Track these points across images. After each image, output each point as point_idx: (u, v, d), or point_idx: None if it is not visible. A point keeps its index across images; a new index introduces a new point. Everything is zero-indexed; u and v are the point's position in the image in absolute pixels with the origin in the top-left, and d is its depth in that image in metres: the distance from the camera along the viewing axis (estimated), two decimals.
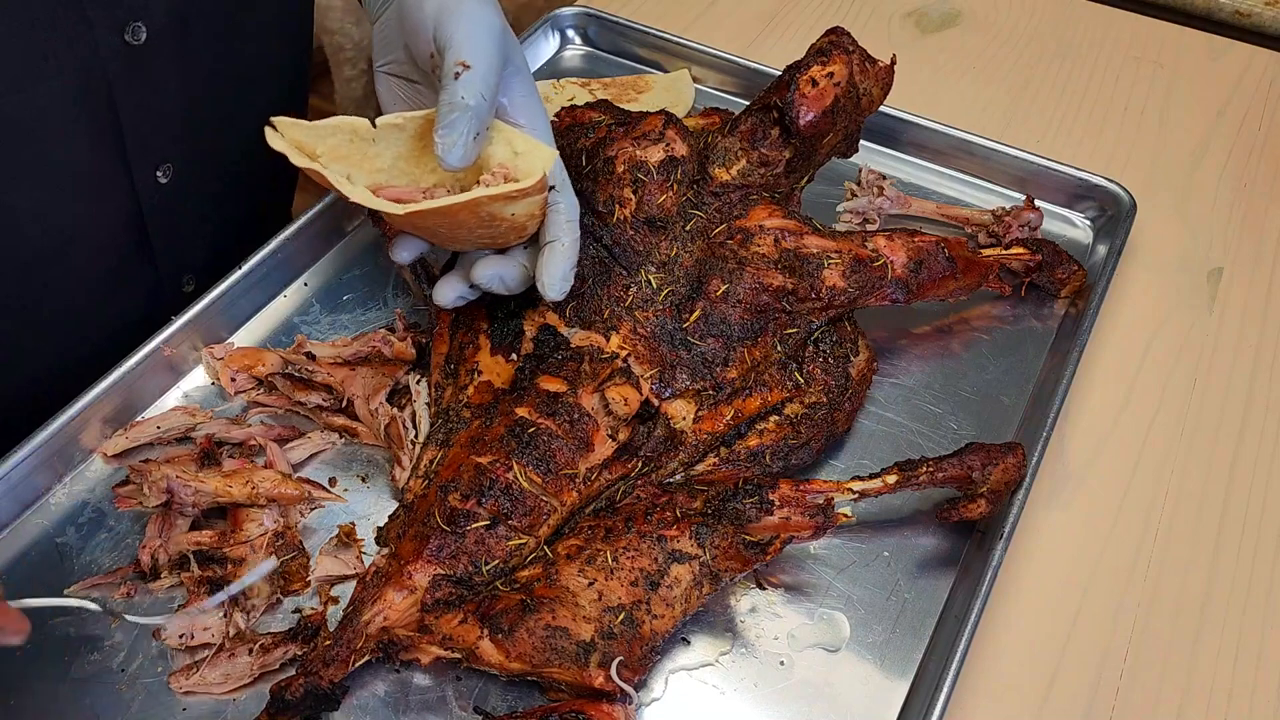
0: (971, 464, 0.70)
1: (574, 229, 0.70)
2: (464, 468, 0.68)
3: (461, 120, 0.64)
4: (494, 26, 0.67)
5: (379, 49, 0.77)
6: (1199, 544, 0.77)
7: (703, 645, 0.68)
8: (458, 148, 0.64)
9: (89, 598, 0.65)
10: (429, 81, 0.73)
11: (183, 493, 0.69)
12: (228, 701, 0.64)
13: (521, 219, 0.67)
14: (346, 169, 0.69)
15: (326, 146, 0.68)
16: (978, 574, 0.69)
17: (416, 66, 0.73)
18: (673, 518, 0.67)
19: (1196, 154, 1.06)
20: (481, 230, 0.68)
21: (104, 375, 0.75)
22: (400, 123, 0.69)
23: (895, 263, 0.79)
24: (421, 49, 0.70)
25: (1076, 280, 0.89)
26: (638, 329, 0.75)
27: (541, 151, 0.67)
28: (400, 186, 0.69)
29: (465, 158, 0.64)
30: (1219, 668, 0.70)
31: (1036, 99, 1.12)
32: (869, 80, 0.86)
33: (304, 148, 0.68)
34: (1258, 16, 1.28)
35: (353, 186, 0.67)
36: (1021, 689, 0.69)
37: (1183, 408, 0.85)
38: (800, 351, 0.77)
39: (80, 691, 0.64)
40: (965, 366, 0.85)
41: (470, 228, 0.68)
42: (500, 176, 0.66)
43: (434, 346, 0.78)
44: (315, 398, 0.77)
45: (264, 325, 0.85)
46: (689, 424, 0.73)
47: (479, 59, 0.65)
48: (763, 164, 0.83)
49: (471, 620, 0.62)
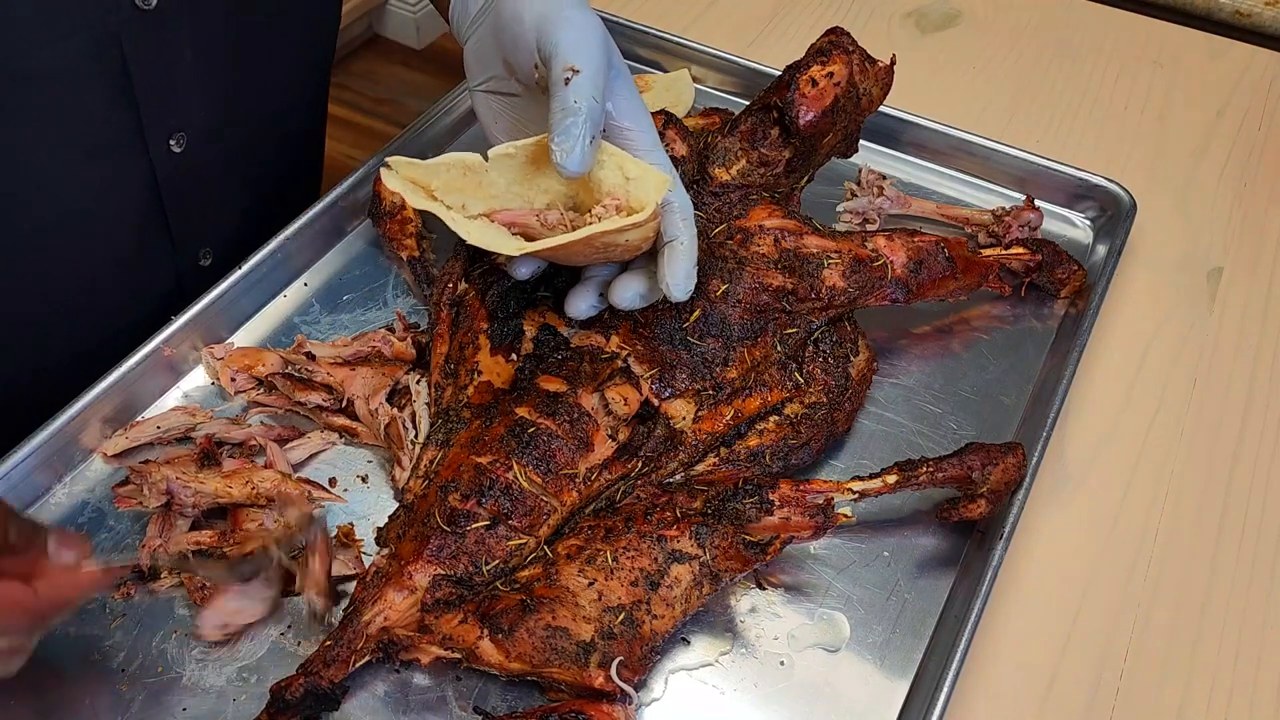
0: (971, 464, 0.70)
1: (690, 226, 0.70)
2: (464, 468, 0.68)
3: (576, 124, 0.64)
4: (597, 30, 0.68)
5: (473, 69, 0.78)
6: (1199, 544, 0.77)
7: (703, 645, 0.68)
8: (575, 153, 0.64)
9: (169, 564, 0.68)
10: (531, 94, 0.74)
11: (182, 494, 0.69)
12: (228, 701, 0.64)
13: (636, 242, 0.68)
14: (462, 198, 0.70)
15: (441, 181, 0.70)
16: (978, 574, 0.69)
17: (517, 80, 0.74)
18: (673, 518, 0.67)
19: (1196, 154, 1.06)
20: (597, 256, 0.70)
21: (104, 375, 0.75)
22: (511, 152, 0.70)
23: (895, 263, 0.79)
24: (523, 61, 0.71)
25: (1076, 280, 0.89)
26: (638, 329, 0.75)
27: (653, 177, 0.67)
28: (514, 209, 0.70)
29: (584, 162, 0.65)
30: (1219, 668, 0.70)
31: (1036, 99, 1.12)
32: (869, 80, 0.86)
33: (419, 183, 0.70)
34: (1258, 16, 1.28)
35: (468, 225, 0.68)
36: (1021, 689, 0.69)
37: (1183, 408, 0.85)
38: (800, 351, 0.77)
39: (80, 691, 0.64)
40: (965, 366, 0.85)
41: (585, 255, 0.69)
42: (613, 207, 0.67)
43: (434, 346, 0.78)
44: (315, 398, 0.77)
45: (264, 325, 0.85)
46: (689, 424, 0.73)
47: (586, 62, 0.65)
48: (762, 164, 0.83)
49: (471, 620, 0.62)
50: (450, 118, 1.00)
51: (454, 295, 0.80)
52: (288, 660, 0.66)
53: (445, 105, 1.00)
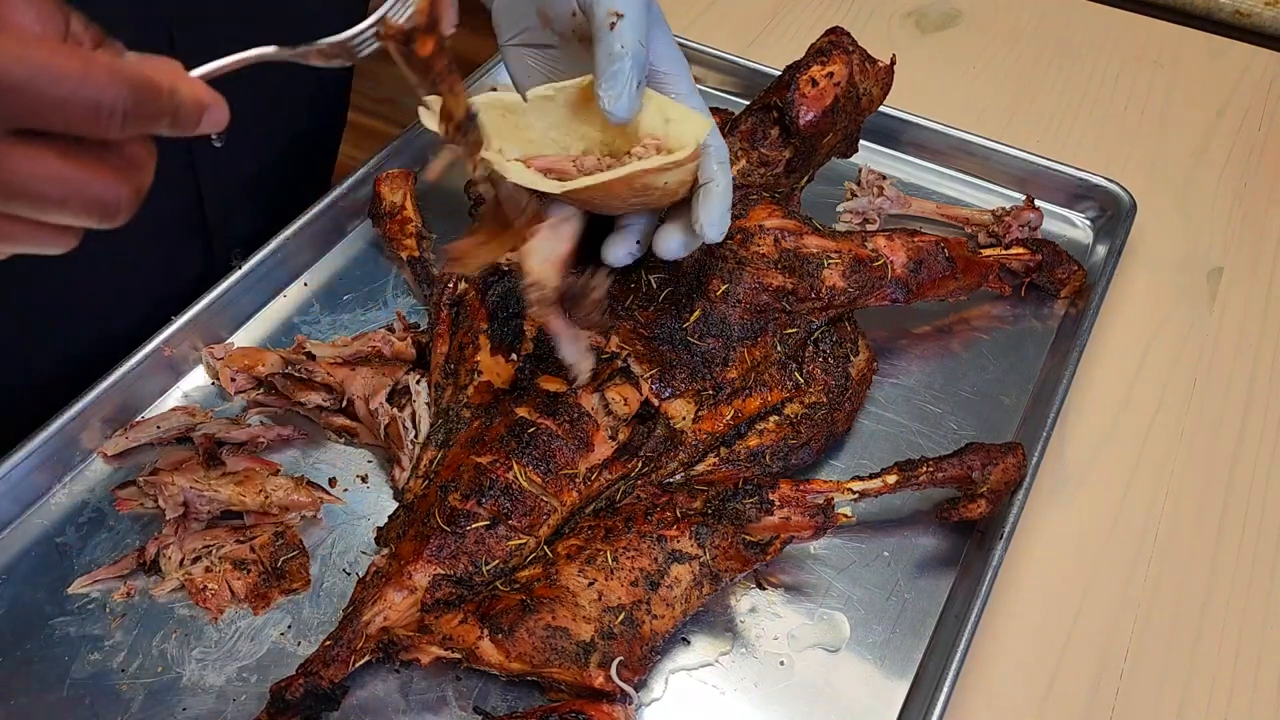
0: (971, 464, 0.70)
1: (726, 170, 0.70)
2: (464, 468, 0.68)
3: (624, 69, 0.64)
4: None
5: (505, 25, 0.77)
6: (1199, 544, 0.77)
7: (703, 645, 0.68)
8: (623, 98, 0.64)
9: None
10: (567, 44, 0.73)
11: (198, 503, 0.71)
12: (228, 701, 0.64)
13: (674, 186, 0.67)
14: (498, 142, 0.69)
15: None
16: (978, 574, 0.69)
17: (553, 30, 0.73)
18: (673, 518, 0.67)
19: (1196, 154, 1.06)
20: (635, 199, 0.69)
21: (104, 375, 0.75)
22: (551, 94, 0.69)
23: (895, 263, 0.79)
24: (561, 10, 0.70)
25: (1076, 280, 0.89)
26: (638, 329, 0.75)
27: (694, 119, 0.67)
28: (551, 156, 0.69)
29: (631, 108, 0.64)
30: (1219, 668, 0.70)
31: (1036, 99, 1.12)
32: (869, 80, 0.86)
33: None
34: (1258, 16, 1.28)
35: (509, 164, 0.67)
36: (1021, 689, 0.69)
37: (1183, 408, 0.85)
38: (800, 351, 0.77)
39: (80, 691, 0.64)
40: (965, 366, 0.85)
41: (624, 198, 0.69)
42: (653, 148, 0.67)
43: (434, 346, 0.78)
44: (315, 398, 0.77)
45: (264, 325, 0.85)
46: (689, 424, 0.73)
47: (629, 7, 0.65)
48: (763, 164, 0.83)
49: (471, 620, 0.62)
50: None
51: (454, 295, 0.80)
52: (288, 660, 0.66)
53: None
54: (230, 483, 0.71)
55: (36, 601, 0.68)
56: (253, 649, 0.67)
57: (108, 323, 0.83)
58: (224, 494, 0.71)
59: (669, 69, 0.70)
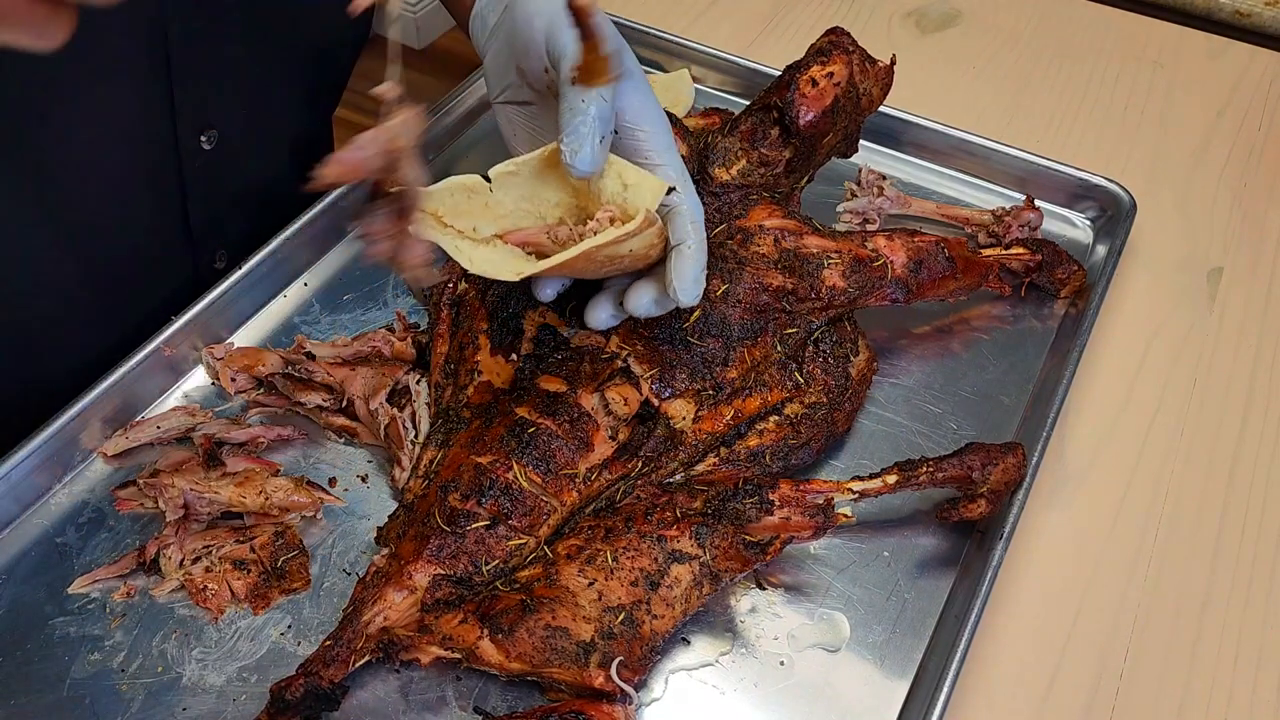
0: (971, 464, 0.70)
1: (700, 230, 0.69)
2: (464, 468, 0.68)
3: (585, 123, 0.64)
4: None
5: (493, 81, 0.78)
6: (1199, 544, 0.77)
7: (703, 645, 0.68)
8: (584, 151, 0.64)
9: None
10: (544, 100, 0.74)
11: (198, 504, 0.71)
12: (228, 701, 0.64)
13: (642, 251, 0.67)
14: (471, 221, 0.69)
15: (446, 206, 0.69)
16: (978, 574, 0.69)
17: (532, 88, 0.74)
18: (673, 518, 0.67)
19: (1196, 154, 1.06)
20: (607, 268, 0.69)
21: (104, 375, 0.75)
22: (513, 169, 0.69)
23: (895, 263, 0.79)
24: (534, 65, 0.70)
25: (1076, 280, 0.89)
26: (638, 329, 0.75)
27: (649, 184, 0.67)
28: (526, 228, 0.69)
29: (594, 161, 0.64)
30: (1219, 668, 0.70)
31: (1036, 99, 1.12)
32: (869, 80, 0.86)
33: (427, 211, 0.68)
34: (1258, 16, 1.28)
35: (471, 254, 0.67)
36: (1021, 689, 0.69)
37: (1183, 408, 0.85)
38: (800, 351, 0.77)
39: (80, 691, 0.64)
40: (965, 366, 0.85)
41: (595, 269, 0.69)
42: (607, 219, 0.66)
43: (434, 346, 0.78)
44: (315, 398, 0.77)
45: (264, 325, 0.85)
46: (689, 424, 0.73)
47: None
48: (762, 164, 0.83)
49: (471, 620, 0.62)
50: (450, 118, 1.00)
51: (454, 295, 0.80)
52: (288, 660, 0.66)
53: (445, 105, 1.00)
54: (230, 483, 0.71)
55: (36, 601, 0.68)
56: (253, 649, 0.67)
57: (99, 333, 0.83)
58: (224, 495, 0.71)
59: (647, 126, 0.69)
